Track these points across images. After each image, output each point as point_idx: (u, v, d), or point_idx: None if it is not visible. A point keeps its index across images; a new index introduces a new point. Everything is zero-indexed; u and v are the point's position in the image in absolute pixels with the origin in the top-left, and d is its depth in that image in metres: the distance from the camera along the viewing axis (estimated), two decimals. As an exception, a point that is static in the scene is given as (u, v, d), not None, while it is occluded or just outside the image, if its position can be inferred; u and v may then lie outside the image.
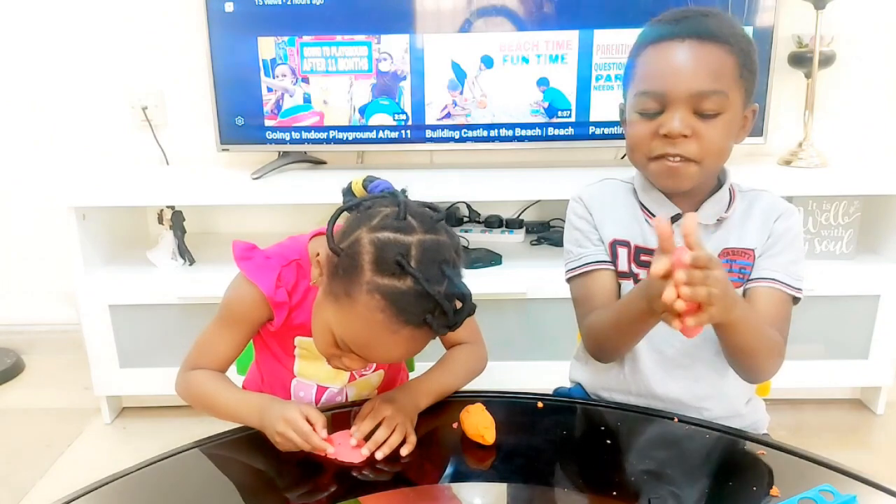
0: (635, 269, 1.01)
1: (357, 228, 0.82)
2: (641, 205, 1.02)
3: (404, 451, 0.86)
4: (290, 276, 0.96)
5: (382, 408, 0.89)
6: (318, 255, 0.87)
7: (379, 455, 0.85)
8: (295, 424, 0.85)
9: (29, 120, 2.20)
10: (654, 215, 0.99)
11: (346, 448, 0.85)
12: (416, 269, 0.77)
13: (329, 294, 0.84)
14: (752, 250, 0.98)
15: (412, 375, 1.06)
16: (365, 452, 0.85)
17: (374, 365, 1.05)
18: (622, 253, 1.02)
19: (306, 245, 0.98)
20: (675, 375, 1.02)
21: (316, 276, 0.88)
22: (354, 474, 0.83)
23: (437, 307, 0.79)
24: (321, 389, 1.05)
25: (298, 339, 1.01)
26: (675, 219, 0.98)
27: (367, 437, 0.87)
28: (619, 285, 1.03)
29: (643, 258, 1.00)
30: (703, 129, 0.91)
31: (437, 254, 0.80)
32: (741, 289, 0.98)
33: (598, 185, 1.08)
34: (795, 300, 0.98)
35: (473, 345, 1.06)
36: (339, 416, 0.94)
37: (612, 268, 1.02)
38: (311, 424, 0.85)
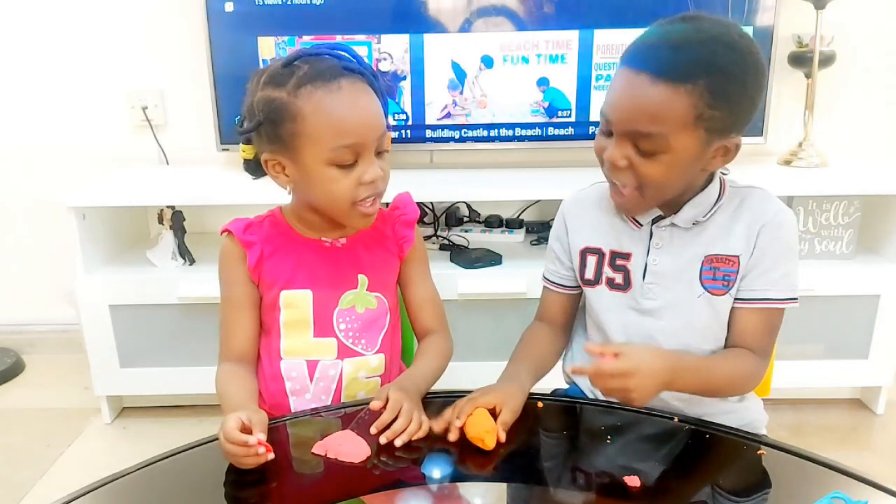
0: (609, 273, 1.03)
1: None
2: None
3: (420, 435, 0.88)
4: (263, 227, 1.05)
5: (399, 398, 0.91)
6: (269, 162, 0.98)
7: (398, 442, 0.86)
8: (230, 437, 0.81)
9: (29, 120, 2.20)
10: (634, 219, 1.01)
11: (347, 447, 0.85)
12: (296, 52, 0.95)
13: (291, 148, 0.93)
14: (737, 257, 0.96)
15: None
16: (383, 440, 0.86)
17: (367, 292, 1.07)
18: (591, 261, 1.05)
19: (279, 207, 1.09)
20: None
21: (283, 180, 0.98)
22: (356, 474, 0.83)
23: (338, 53, 0.94)
24: (312, 365, 1.05)
25: (284, 294, 1.04)
26: (655, 220, 1.00)
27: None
28: (578, 297, 1.12)
29: (618, 262, 1.03)
30: (639, 163, 0.90)
31: (306, 49, 0.97)
32: (726, 296, 0.97)
33: (586, 190, 1.09)
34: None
35: (444, 334, 1.14)
36: (347, 418, 0.94)
37: (565, 290, 1.11)
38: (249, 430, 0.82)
